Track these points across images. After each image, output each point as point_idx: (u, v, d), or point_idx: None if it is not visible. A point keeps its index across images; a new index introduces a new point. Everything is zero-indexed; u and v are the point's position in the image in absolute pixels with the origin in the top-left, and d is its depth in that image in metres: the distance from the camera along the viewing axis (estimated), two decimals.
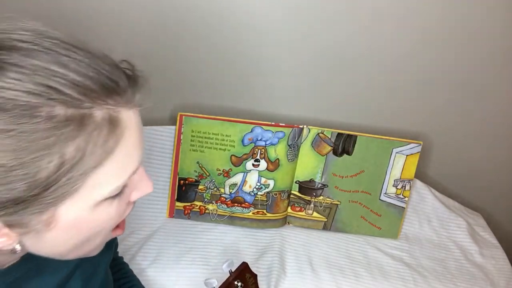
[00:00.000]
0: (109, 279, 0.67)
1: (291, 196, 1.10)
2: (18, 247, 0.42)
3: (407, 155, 1.09)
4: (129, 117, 0.42)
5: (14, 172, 0.36)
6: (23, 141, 0.35)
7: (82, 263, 0.59)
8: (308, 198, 1.10)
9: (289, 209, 1.11)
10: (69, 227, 0.42)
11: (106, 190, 0.42)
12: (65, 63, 0.38)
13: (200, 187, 1.07)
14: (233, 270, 0.68)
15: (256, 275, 0.71)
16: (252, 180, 1.06)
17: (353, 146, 1.07)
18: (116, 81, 0.40)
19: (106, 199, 0.43)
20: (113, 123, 0.40)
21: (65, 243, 0.45)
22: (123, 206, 0.48)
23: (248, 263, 0.71)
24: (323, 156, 1.07)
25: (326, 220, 1.12)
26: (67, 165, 0.37)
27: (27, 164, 0.36)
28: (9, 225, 0.39)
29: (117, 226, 0.51)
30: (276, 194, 1.08)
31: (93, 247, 0.49)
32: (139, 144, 0.44)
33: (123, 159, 0.42)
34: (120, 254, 0.93)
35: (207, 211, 1.08)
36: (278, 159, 1.05)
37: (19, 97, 0.35)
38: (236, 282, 0.67)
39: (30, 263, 0.52)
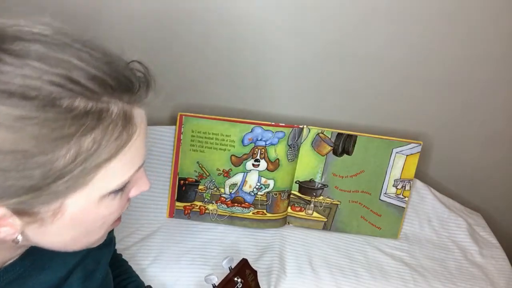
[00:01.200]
0: (109, 276, 0.67)
1: (291, 196, 1.10)
2: (20, 238, 0.42)
3: (407, 155, 1.09)
4: (140, 115, 0.44)
5: (34, 159, 0.36)
6: (45, 129, 0.36)
7: (83, 259, 0.59)
8: (308, 198, 1.10)
9: (289, 209, 1.11)
10: (73, 219, 0.43)
11: (113, 184, 0.43)
12: (84, 58, 0.39)
13: (200, 187, 1.07)
14: (232, 267, 0.68)
15: (256, 272, 0.71)
16: (252, 180, 1.06)
17: (353, 146, 1.07)
18: (131, 79, 0.42)
19: (111, 193, 0.44)
20: (127, 119, 0.41)
21: (67, 234, 0.45)
22: (124, 201, 0.48)
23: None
24: (323, 156, 1.07)
25: (326, 220, 1.12)
26: (83, 156, 0.38)
27: (47, 152, 0.37)
28: (18, 213, 0.40)
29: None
30: (276, 194, 1.08)
31: (93, 240, 0.50)
32: (145, 142, 0.46)
33: (132, 155, 0.43)
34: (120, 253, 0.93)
35: (207, 211, 1.08)
36: (278, 159, 1.05)
37: (43, 86, 0.36)
38: (236, 279, 0.67)
39: (31, 260, 0.52)
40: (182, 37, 1.02)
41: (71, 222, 0.43)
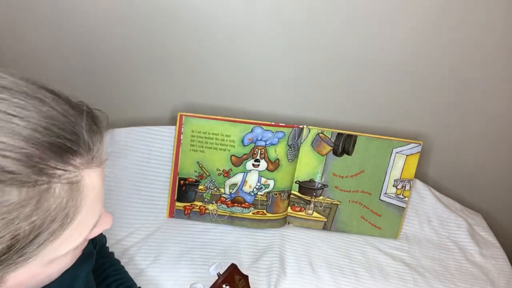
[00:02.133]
0: (90, 281, 0.65)
1: (291, 196, 1.10)
2: None
3: (407, 155, 1.09)
4: (92, 176, 0.38)
5: None
6: None
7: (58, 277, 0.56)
8: (308, 198, 1.10)
9: (289, 209, 1.11)
10: (20, 283, 0.39)
11: (63, 251, 0.39)
12: (15, 129, 0.33)
13: (200, 187, 1.07)
14: (221, 273, 0.66)
15: (247, 276, 0.69)
16: (252, 180, 1.06)
17: (353, 146, 1.07)
18: (77, 141, 0.36)
19: (62, 255, 0.40)
20: (74, 191, 0.36)
21: None
22: (80, 249, 0.44)
23: (248, 263, 0.69)
24: (323, 156, 1.07)
25: (326, 220, 1.12)
26: (20, 244, 0.34)
27: None
28: None
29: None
30: (276, 194, 1.08)
31: (51, 280, 0.45)
32: (102, 195, 0.41)
33: (84, 221, 0.39)
34: (119, 254, 0.93)
35: (207, 211, 1.08)
36: (278, 159, 1.05)
37: None
38: (224, 286, 0.65)
39: None
40: (182, 37, 1.02)
41: (17, 285, 0.39)
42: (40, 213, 0.34)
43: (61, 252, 0.39)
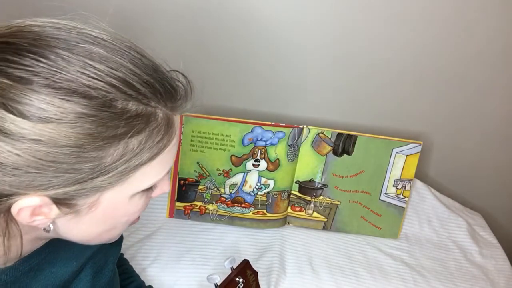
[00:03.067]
0: (116, 276, 0.68)
1: (291, 196, 1.10)
2: (51, 226, 0.44)
3: (407, 155, 1.09)
4: (178, 121, 0.47)
5: (86, 154, 0.39)
6: (101, 127, 0.38)
7: (95, 255, 0.60)
8: (308, 198, 1.10)
9: (289, 209, 1.11)
10: (105, 213, 0.45)
11: (146, 183, 0.46)
12: (138, 65, 0.42)
13: (200, 187, 1.07)
14: (234, 267, 0.69)
15: (257, 273, 0.72)
16: (252, 180, 1.06)
17: (353, 146, 1.07)
18: (175, 88, 0.45)
19: (141, 191, 0.46)
20: (169, 125, 0.44)
21: (95, 227, 0.47)
22: (148, 200, 0.51)
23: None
24: (323, 156, 1.07)
25: (326, 220, 1.12)
26: (128, 156, 0.41)
27: (98, 149, 0.39)
28: (57, 203, 0.42)
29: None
30: (276, 194, 1.08)
31: (114, 235, 0.52)
32: (177, 146, 0.49)
33: (167, 158, 0.46)
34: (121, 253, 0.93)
35: (207, 211, 1.08)
36: (278, 159, 1.05)
37: (104, 87, 0.39)
38: (237, 279, 0.68)
39: (46, 253, 0.53)
40: (182, 37, 1.02)
41: (102, 216, 0.45)
42: (147, 131, 0.42)
43: (143, 185, 0.45)
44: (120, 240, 0.65)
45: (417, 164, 1.10)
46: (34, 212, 0.41)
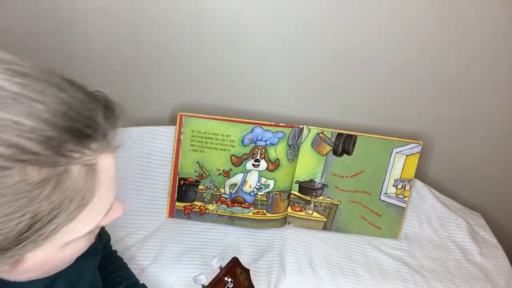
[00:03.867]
0: (97, 283, 0.65)
1: (291, 196, 1.10)
2: None
3: (407, 155, 1.09)
4: (106, 161, 0.39)
5: None
6: None
7: (65, 270, 0.56)
8: (308, 198, 1.10)
9: (289, 209, 1.11)
10: (36, 265, 0.41)
11: (78, 234, 0.41)
12: (36, 113, 0.34)
13: (200, 187, 1.07)
14: (223, 266, 0.67)
15: (248, 270, 0.70)
16: (252, 180, 1.06)
17: (353, 146, 1.07)
18: (93, 126, 0.37)
19: (75, 239, 0.41)
20: (90, 173, 0.38)
21: (34, 273, 0.44)
22: (93, 234, 0.46)
23: (248, 263, 0.70)
24: (323, 156, 1.07)
25: (326, 220, 1.12)
26: (40, 223, 0.36)
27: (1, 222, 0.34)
28: None
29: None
30: (276, 194, 1.08)
31: (65, 267, 0.47)
32: (115, 180, 0.42)
33: (98, 205, 0.40)
34: (119, 254, 0.93)
35: (207, 211, 1.08)
36: (278, 159, 1.05)
37: None
38: (226, 278, 0.65)
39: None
40: (183, 37, 1.02)
41: (34, 267, 0.41)
42: (59, 193, 0.36)
43: (77, 234, 0.41)
44: (93, 249, 0.59)
45: (417, 164, 1.10)
46: None
